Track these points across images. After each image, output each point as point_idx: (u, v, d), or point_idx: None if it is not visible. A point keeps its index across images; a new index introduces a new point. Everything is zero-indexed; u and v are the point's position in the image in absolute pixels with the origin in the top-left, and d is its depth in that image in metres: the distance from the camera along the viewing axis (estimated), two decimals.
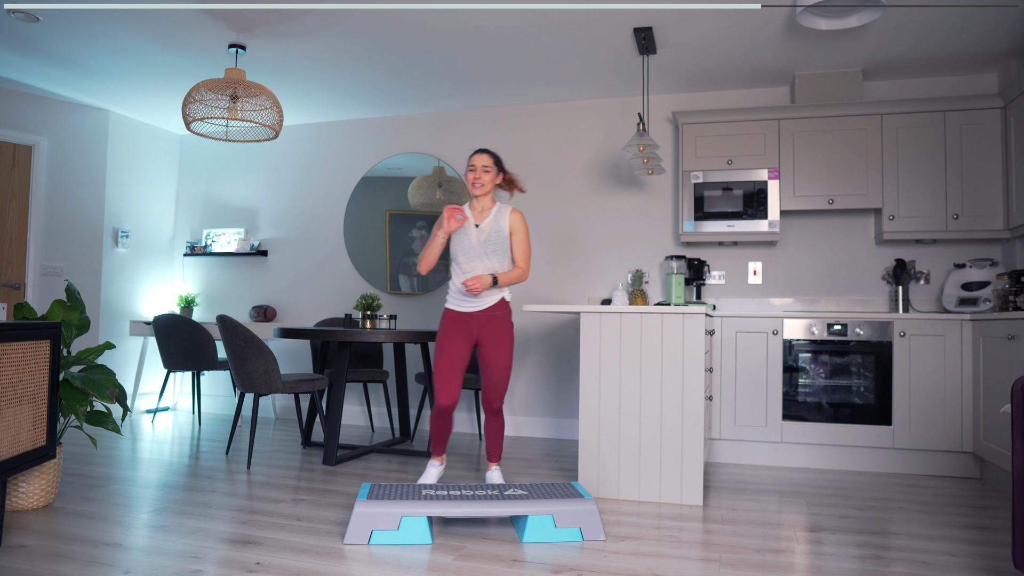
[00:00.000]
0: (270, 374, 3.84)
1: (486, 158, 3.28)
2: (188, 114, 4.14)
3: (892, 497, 3.43)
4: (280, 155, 6.00)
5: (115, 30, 4.08)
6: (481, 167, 3.26)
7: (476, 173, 3.27)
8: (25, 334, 2.52)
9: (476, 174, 3.27)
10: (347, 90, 5.10)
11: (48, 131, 5.35)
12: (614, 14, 3.79)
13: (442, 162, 5.50)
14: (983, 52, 4.17)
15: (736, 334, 4.23)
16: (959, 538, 2.77)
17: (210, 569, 2.24)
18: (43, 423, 2.66)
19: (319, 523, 2.78)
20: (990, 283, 4.25)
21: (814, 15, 3.38)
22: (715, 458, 4.29)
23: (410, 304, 5.52)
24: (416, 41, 4.19)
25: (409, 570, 2.27)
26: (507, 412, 5.21)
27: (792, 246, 4.75)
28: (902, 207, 4.30)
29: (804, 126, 4.46)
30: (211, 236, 6.05)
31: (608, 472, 3.31)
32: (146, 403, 5.99)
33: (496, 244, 3.25)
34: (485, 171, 3.27)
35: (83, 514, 2.84)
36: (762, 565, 2.40)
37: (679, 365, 3.24)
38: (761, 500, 3.33)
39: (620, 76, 4.71)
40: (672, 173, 4.98)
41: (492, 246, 3.24)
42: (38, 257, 5.29)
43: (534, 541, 2.59)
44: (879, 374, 4.04)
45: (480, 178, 3.26)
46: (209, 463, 3.90)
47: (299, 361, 5.85)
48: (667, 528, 2.82)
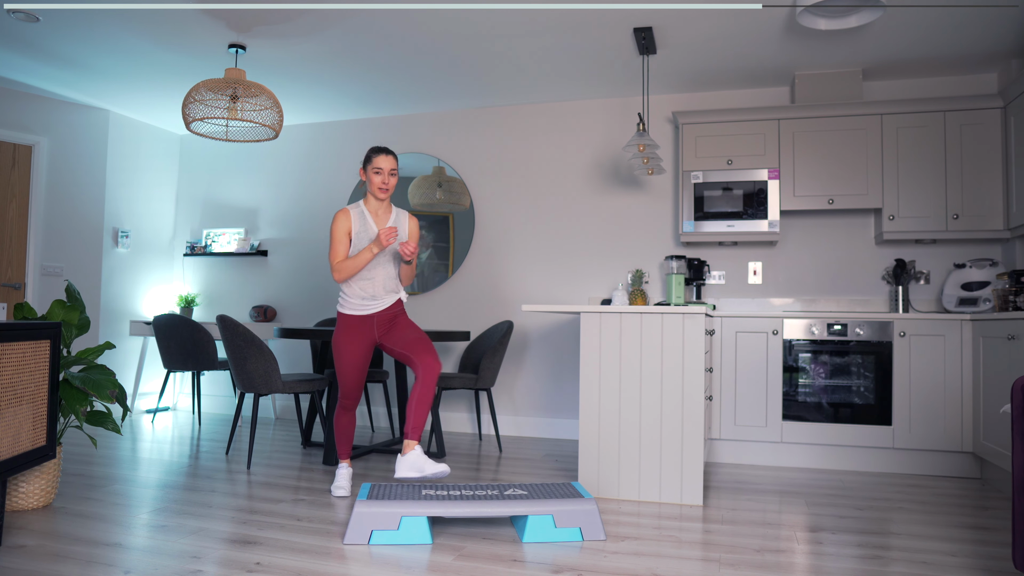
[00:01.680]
0: (270, 374, 3.84)
1: (394, 160, 3.14)
2: (188, 114, 4.14)
3: (892, 497, 3.43)
4: (280, 155, 6.00)
5: (115, 30, 4.08)
6: (389, 170, 3.12)
7: (383, 176, 3.12)
8: (25, 334, 2.52)
9: (383, 177, 3.12)
10: (347, 90, 5.10)
11: (48, 131, 5.35)
12: (614, 14, 3.79)
13: (442, 162, 5.50)
14: (983, 52, 4.17)
15: (736, 334, 4.23)
16: (959, 538, 2.77)
17: (210, 569, 2.24)
18: (43, 423, 2.66)
19: (319, 523, 2.79)
20: (990, 283, 4.25)
21: (814, 15, 3.38)
22: (715, 458, 4.29)
23: (410, 304, 5.52)
24: (416, 41, 4.19)
25: (409, 570, 2.27)
26: (507, 412, 5.21)
27: (792, 246, 4.75)
28: (902, 207, 4.30)
29: (804, 126, 4.46)
30: (211, 236, 6.05)
31: (608, 472, 3.31)
32: (146, 403, 5.99)
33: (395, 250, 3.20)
34: (392, 174, 3.14)
35: (83, 514, 2.84)
36: (762, 565, 2.40)
37: (679, 365, 3.24)
38: (761, 500, 3.33)
39: (620, 76, 4.71)
40: (672, 173, 4.98)
41: (394, 251, 3.19)
42: (38, 257, 5.29)
43: (534, 541, 2.59)
44: (879, 374, 4.04)
45: (388, 182, 3.13)
46: (209, 463, 3.90)
47: (299, 361, 5.85)
48: (667, 528, 2.82)
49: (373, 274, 3.15)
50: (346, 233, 3.12)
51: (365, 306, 3.15)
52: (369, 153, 3.14)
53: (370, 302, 3.16)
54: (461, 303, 5.39)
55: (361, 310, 3.15)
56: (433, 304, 5.46)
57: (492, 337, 4.67)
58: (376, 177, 3.11)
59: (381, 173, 3.10)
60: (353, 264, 3.07)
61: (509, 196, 5.32)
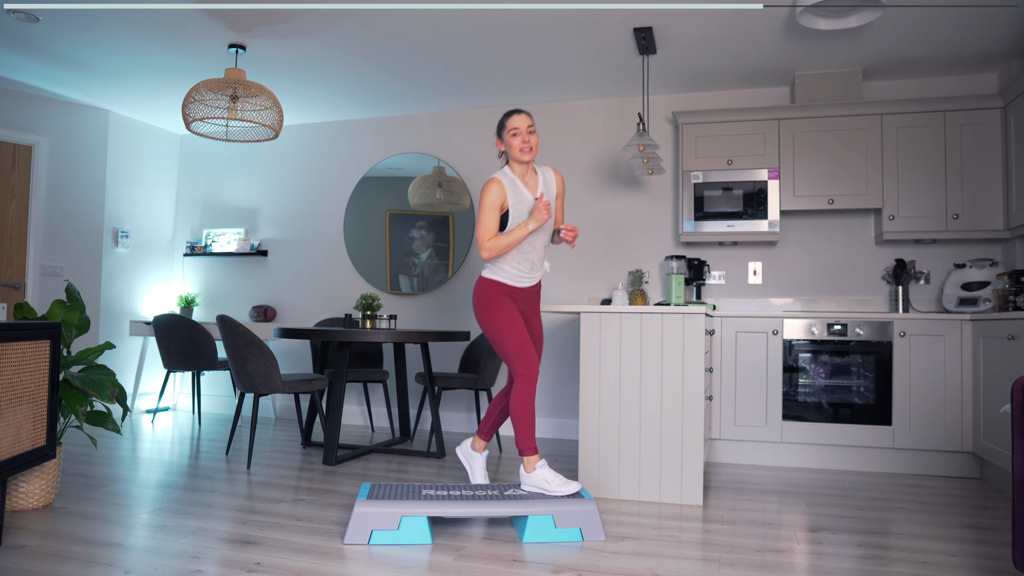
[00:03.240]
0: (270, 374, 3.84)
1: (529, 118, 2.92)
2: (188, 114, 4.14)
3: (892, 497, 3.43)
4: (280, 155, 6.00)
5: (115, 30, 4.08)
6: (527, 129, 2.90)
7: (522, 136, 2.90)
8: (25, 334, 2.52)
9: (523, 137, 2.90)
10: (347, 90, 5.10)
11: (48, 131, 5.35)
12: (614, 14, 3.79)
13: (442, 162, 5.49)
14: (983, 52, 4.17)
15: (736, 334, 4.23)
16: (959, 538, 2.77)
17: (210, 569, 2.24)
18: (43, 423, 2.66)
19: (319, 523, 2.78)
20: (990, 283, 4.25)
21: (814, 15, 3.38)
22: (715, 458, 4.29)
23: (410, 304, 5.52)
24: (416, 41, 4.19)
25: (409, 570, 2.27)
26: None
27: (792, 246, 4.75)
28: (902, 207, 4.30)
29: (804, 126, 4.46)
30: (211, 236, 6.05)
31: (608, 472, 3.31)
32: (146, 403, 5.99)
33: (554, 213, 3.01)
34: (531, 132, 2.91)
35: (83, 514, 2.84)
36: (762, 565, 2.40)
37: (679, 365, 3.24)
38: (761, 500, 3.33)
39: (620, 76, 4.71)
40: (672, 173, 4.98)
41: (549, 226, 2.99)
42: (38, 257, 5.29)
43: (534, 541, 2.59)
44: (879, 374, 4.04)
45: (529, 140, 2.90)
46: (209, 463, 3.90)
47: (299, 361, 5.85)
48: (667, 528, 2.82)
49: (534, 244, 2.96)
50: (499, 206, 2.88)
51: (523, 278, 2.99)
52: (502, 119, 2.96)
53: (528, 275, 2.99)
54: (461, 303, 5.38)
55: (519, 282, 2.98)
56: (433, 304, 5.46)
57: None
58: (515, 140, 2.90)
59: (519, 134, 2.90)
60: (508, 241, 2.85)
61: None
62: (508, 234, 2.86)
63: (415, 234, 5.50)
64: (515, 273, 2.96)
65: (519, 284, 2.98)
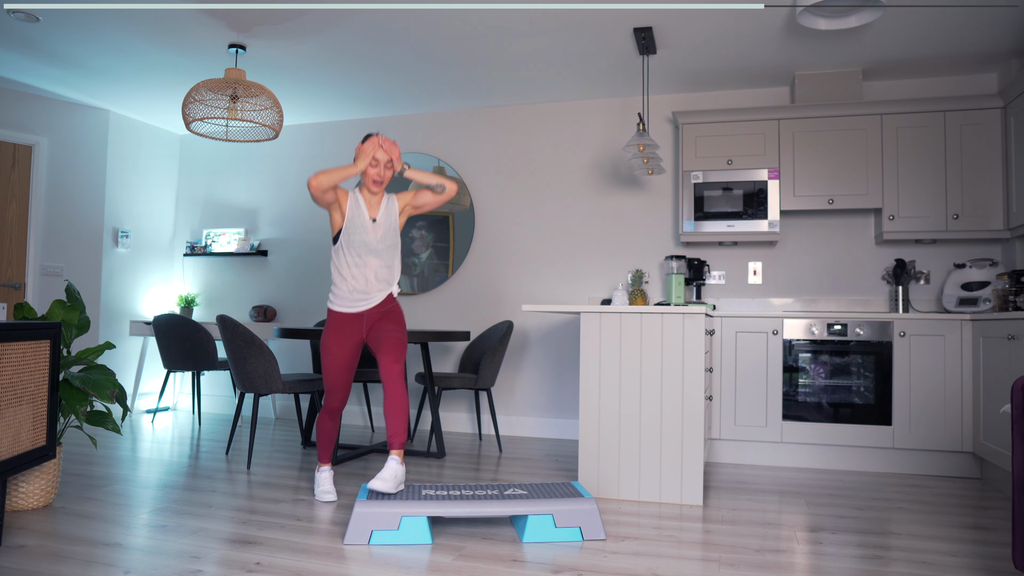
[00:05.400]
0: (270, 374, 3.84)
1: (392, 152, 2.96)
2: (188, 114, 4.14)
3: (892, 497, 3.43)
4: (280, 155, 6.01)
5: (115, 30, 4.08)
6: (385, 163, 2.96)
7: (380, 169, 2.97)
8: (25, 334, 2.52)
9: (380, 170, 2.97)
10: (347, 90, 5.10)
11: (48, 131, 5.35)
12: (614, 14, 3.79)
13: (442, 162, 5.49)
14: (983, 52, 4.17)
15: (736, 334, 4.23)
16: (959, 538, 2.77)
17: (210, 569, 2.24)
18: (43, 423, 2.66)
19: (319, 523, 2.79)
20: (990, 283, 4.24)
21: (814, 15, 3.38)
22: (715, 458, 4.29)
23: (410, 304, 5.52)
24: (416, 41, 4.19)
25: (409, 570, 2.27)
26: (507, 412, 5.21)
27: (792, 246, 4.75)
28: (902, 207, 4.30)
29: (804, 126, 4.46)
30: (211, 236, 6.05)
31: (608, 472, 3.31)
32: (146, 403, 5.99)
33: (391, 239, 3.04)
34: (388, 167, 2.98)
35: (83, 514, 2.84)
36: (762, 565, 2.40)
37: (679, 365, 3.24)
38: (761, 500, 3.33)
39: (620, 76, 4.71)
40: (672, 173, 4.98)
41: (389, 240, 3.03)
42: (38, 257, 5.29)
43: (534, 541, 2.59)
44: (879, 374, 4.04)
45: (384, 175, 2.98)
46: (209, 463, 3.90)
47: (299, 361, 5.85)
48: (667, 528, 2.82)
49: (365, 261, 2.98)
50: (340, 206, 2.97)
51: (356, 303, 3.00)
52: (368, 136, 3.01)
53: (361, 298, 3.00)
54: (461, 303, 5.39)
55: (351, 307, 3.01)
56: (433, 304, 5.46)
57: (492, 337, 4.67)
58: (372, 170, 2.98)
59: (377, 166, 2.97)
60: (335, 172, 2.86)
61: (509, 196, 5.33)
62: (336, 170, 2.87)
63: (415, 234, 5.50)
64: (346, 297, 3.02)
65: (352, 310, 3.02)
